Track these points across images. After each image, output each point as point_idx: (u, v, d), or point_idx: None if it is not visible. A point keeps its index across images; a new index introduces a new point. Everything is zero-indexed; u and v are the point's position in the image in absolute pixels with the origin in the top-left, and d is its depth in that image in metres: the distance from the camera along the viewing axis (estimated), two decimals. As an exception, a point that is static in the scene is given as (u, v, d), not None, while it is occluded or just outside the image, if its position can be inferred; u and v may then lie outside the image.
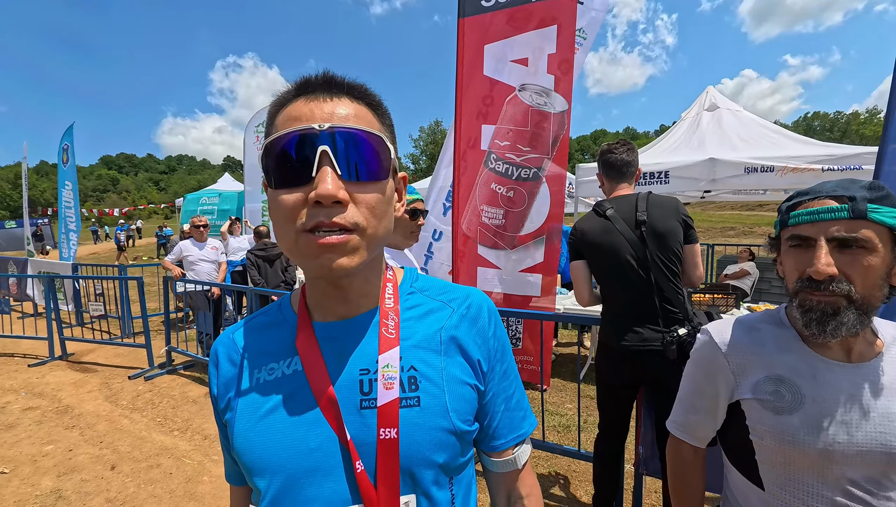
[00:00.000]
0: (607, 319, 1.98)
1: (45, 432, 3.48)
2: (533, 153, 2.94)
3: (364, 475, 0.52)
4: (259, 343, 0.62)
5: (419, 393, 0.56)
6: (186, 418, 3.68)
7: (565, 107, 2.81)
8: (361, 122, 0.52)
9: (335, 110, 0.51)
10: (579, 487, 2.63)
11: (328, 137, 0.49)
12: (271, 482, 0.53)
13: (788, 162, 4.26)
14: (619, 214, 1.88)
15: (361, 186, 0.51)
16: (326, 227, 0.49)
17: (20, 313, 7.74)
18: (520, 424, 0.67)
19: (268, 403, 0.56)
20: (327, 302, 0.60)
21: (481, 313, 0.64)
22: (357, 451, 0.53)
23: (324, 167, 0.49)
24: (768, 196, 7.43)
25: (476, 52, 2.89)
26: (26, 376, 4.77)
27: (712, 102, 5.74)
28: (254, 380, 0.58)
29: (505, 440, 0.65)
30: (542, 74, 2.81)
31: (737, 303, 3.78)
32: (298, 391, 0.56)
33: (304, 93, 0.53)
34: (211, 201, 13.20)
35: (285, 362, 0.58)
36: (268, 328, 0.63)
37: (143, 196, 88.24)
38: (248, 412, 0.57)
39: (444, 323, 0.62)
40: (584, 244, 1.97)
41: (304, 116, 0.51)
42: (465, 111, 2.98)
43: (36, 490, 2.71)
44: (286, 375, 0.57)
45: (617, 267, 1.88)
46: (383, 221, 0.54)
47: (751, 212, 29.12)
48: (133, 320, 6.19)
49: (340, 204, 0.49)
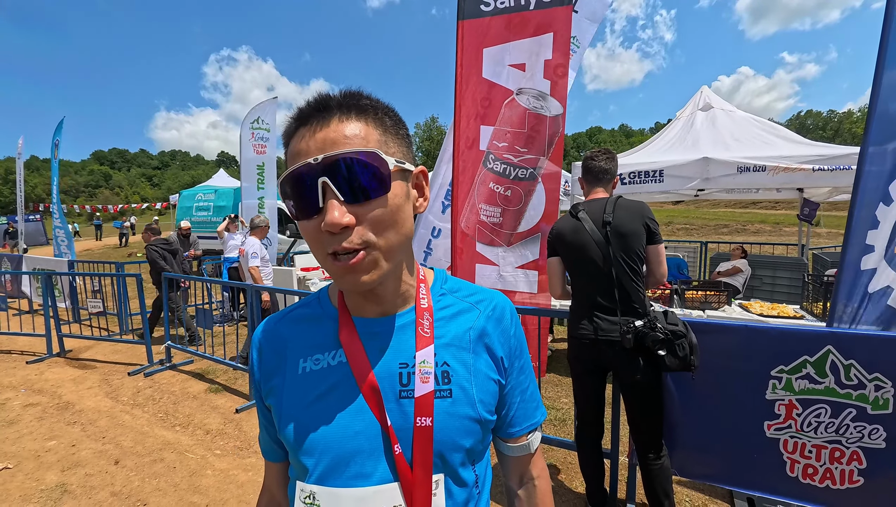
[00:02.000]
0: (573, 309, 2.20)
1: (46, 428, 3.51)
2: (529, 154, 3.02)
3: (402, 458, 0.58)
4: (303, 335, 0.67)
5: (451, 386, 0.62)
6: (188, 413, 3.72)
7: (560, 111, 2.92)
8: (353, 141, 0.54)
9: (327, 137, 0.54)
10: (575, 478, 2.71)
11: (324, 168, 0.52)
12: (319, 461, 0.59)
13: (780, 162, 4.34)
14: (590, 216, 2.08)
15: (365, 206, 0.54)
16: (342, 251, 0.54)
17: (16, 309, 7.71)
18: (533, 413, 0.74)
19: (316, 390, 0.63)
20: (364, 303, 0.65)
21: (504, 315, 0.71)
22: (396, 436, 0.59)
23: (328, 198, 0.53)
24: (761, 194, 7.53)
25: (475, 54, 2.96)
26: (25, 373, 4.78)
27: (706, 102, 5.81)
28: (300, 369, 0.64)
29: (520, 428, 0.73)
30: (538, 79, 2.90)
31: (729, 300, 3.87)
32: (343, 381, 0.62)
33: (301, 123, 0.57)
34: (207, 198, 13.14)
35: (330, 354, 0.64)
36: (310, 321, 0.69)
37: (136, 192, 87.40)
38: (297, 398, 0.63)
39: (472, 324, 0.68)
40: (558, 242, 2.18)
41: (301, 151, 0.55)
42: (463, 112, 3.03)
43: (41, 485, 2.75)
44: (332, 366, 0.63)
45: (583, 263, 2.09)
46: (394, 229, 0.57)
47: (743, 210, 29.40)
48: (131, 316, 6.20)
49: (348, 228, 0.53)
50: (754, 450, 2.06)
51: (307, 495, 0.59)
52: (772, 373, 1.98)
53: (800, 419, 1.98)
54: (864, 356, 1.83)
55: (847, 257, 1.84)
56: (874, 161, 1.64)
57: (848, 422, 1.91)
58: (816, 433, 1.96)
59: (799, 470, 2.01)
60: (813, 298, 3.80)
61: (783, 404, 1.99)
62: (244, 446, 3.19)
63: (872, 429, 1.86)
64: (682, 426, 2.17)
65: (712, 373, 2.06)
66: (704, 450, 2.14)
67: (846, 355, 1.86)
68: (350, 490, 0.57)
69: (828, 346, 1.88)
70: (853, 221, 1.78)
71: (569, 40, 2.83)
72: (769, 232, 22.18)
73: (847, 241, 1.83)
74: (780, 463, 2.03)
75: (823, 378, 1.91)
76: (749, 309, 3.72)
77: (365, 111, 0.57)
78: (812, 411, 1.95)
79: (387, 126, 0.59)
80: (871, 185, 1.64)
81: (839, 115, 75.57)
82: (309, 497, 0.59)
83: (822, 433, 1.96)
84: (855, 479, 1.93)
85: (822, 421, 1.94)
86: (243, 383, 4.35)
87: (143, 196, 75.04)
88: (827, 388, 1.91)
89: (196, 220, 12.50)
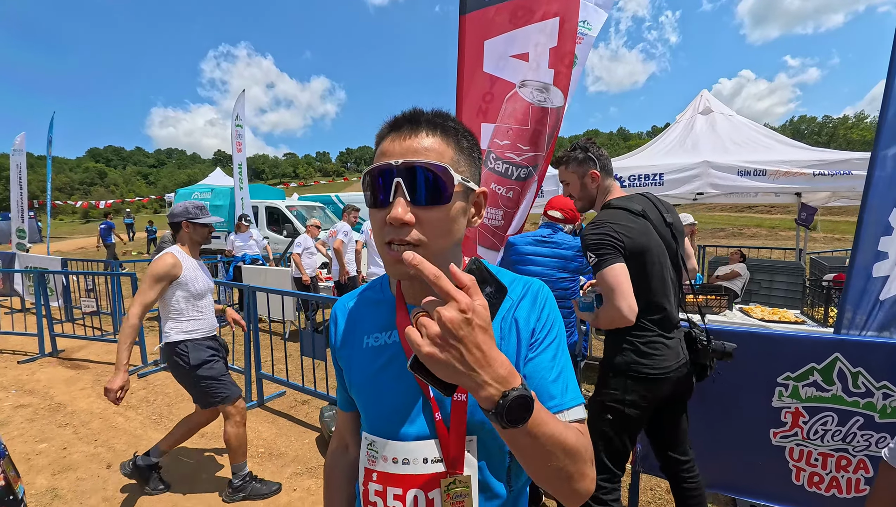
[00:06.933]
0: (650, 339, 1.66)
1: (37, 429, 3.44)
2: (531, 152, 2.91)
3: (441, 423, 0.72)
4: (367, 316, 0.83)
5: None
6: (182, 415, 3.65)
7: (562, 102, 2.76)
8: (431, 154, 0.65)
9: (410, 145, 0.66)
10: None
11: (402, 170, 0.63)
12: (377, 418, 0.76)
13: (781, 166, 4.34)
14: (650, 215, 1.72)
15: (427, 210, 0.64)
16: (396, 242, 0.64)
17: (8, 308, 7.59)
18: (559, 395, 0.71)
19: (376, 363, 0.78)
20: (416, 291, 0.77)
21: (538, 296, 0.78)
22: (437, 405, 0.73)
23: (397, 196, 0.64)
24: (759, 198, 7.54)
25: (476, 48, 2.86)
26: (16, 373, 4.70)
27: (706, 106, 5.82)
28: (365, 344, 0.80)
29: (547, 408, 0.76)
30: (543, 70, 2.74)
31: (729, 304, 3.85)
32: (397, 357, 0.76)
33: (393, 130, 0.69)
34: (203, 197, 13.03)
35: (387, 333, 0.79)
36: (374, 304, 0.84)
37: (132, 190, 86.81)
38: (362, 368, 0.79)
39: (503, 313, 0.75)
40: (628, 244, 1.62)
41: (387, 152, 0.67)
42: (465, 109, 2.96)
43: (31, 489, 2.68)
44: (387, 344, 0.78)
45: (659, 273, 1.67)
46: (446, 237, 0.67)
47: (739, 214, 29.54)
48: (126, 316, 6.11)
49: (407, 226, 0.63)
50: (760, 458, 2.04)
51: (369, 442, 0.76)
52: (778, 380, 1.96)
53: (806, 427, 1.95)
54: (872, 364, 1.81)
55: (856, 264, 1.81)
56: (885, 165, 1.62)
57: (855, 430, 1.89)
58: (823, 441, 1.94)
59: (805, 478, 1.99)
60: (814, 303, 3.79)
61: (789, 412, 1.97)
62: (240, 449, 3.14)
63: (880, 437, 1.84)
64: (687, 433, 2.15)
65: (718, 380, 2.03)
66: (709, 458, 2.11)
67: (854, 363, 1.84)
68: (400, 443, 0.73)
69: (835, 353, 1.86)
70: (863, 226, 1.76)
71: (576, 27, 2.67)
72: (765, 236, 22.31)
73: (856, 247, 1.81)
74: (786, 471, 2.01)
75: (831, 386, 1.89)
76: (750, 314, 3.71)
77: (447, 131, 0.68)
78: (819, 419, 1.93)
79: (462, 148, 0.70)
80: (883, 190, 1.62)
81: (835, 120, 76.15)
82: (371, 444, 0.76)
83: (828, 440, 1.94)
84: (861, 488, 1.91)
85: (829, 429, 1.92)
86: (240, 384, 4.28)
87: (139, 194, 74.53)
88: (834, 396, 1.89)
89: (192, 219, 12.38)
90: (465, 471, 0.71)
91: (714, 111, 5.71)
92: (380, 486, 0.74)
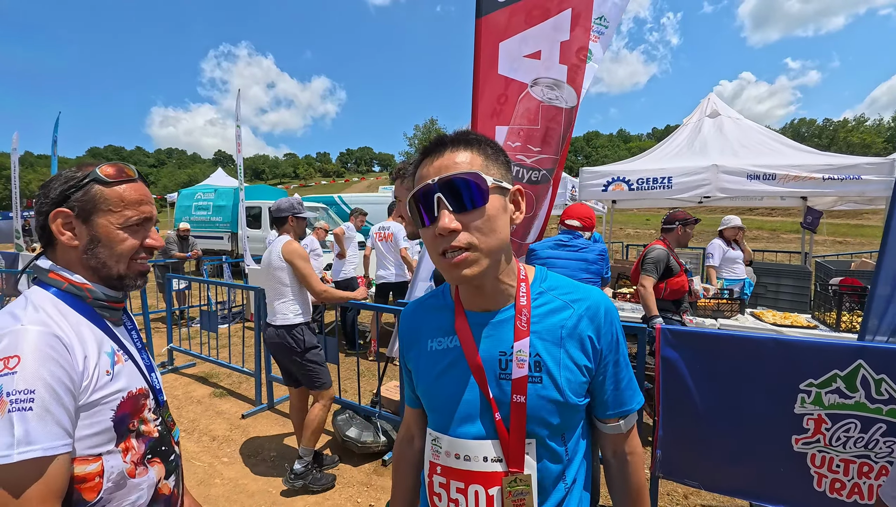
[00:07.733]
0: None
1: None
2: (543, 153, 2.85)
3: (501, 423, 0.76)
4: (431, 321, 0.89)
5: (542, 373, 0.77)
6: (192, 418, 3.64)
7: (574, 101, 2.70)
8: (461, 165, 0.72)
9: (442, 164, 0.73)
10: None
11: (440, 186, 0.71)
12: (441, 417, 0.82)
13: (790, 170, 4.34)
14: None
15: (469, 214, 0.71)
16: (451, 250, 0.71)
17: (11, 308, 7.57)
18: (625, 401, 0.85)
19: (439, 366, 0.83)
20: (472, 298, 0.83)
21: (598, 312, 0.81)
22: (497, 406, 0.77)
23: (441, 209, 0.71)
24: (764, 202, 7.55)
25: (492, 50, 2.81)
26: (23, 374, 4.67)
27: (714, 109, 5.82)
28: (429, 347, 0.86)
29: (612, 412, 0.85)
30: (555, 66, 2.65)
31: (742, 308, 3.84)
32: (458, 361, 0.81)
33: (425, 155, 0.77)
34: (206, 197, 13.03)
35: (448, 338, 0.84)
36: (436, 310, 0.90)
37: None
38: (427, 370, 0.86)
39: (565, 322, 0.80)
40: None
41: (423, 176, 0.75)
42: (480, 113, 2.93)
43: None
44: (449, 348, 0.83)
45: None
46: (493, 234, 0.72)
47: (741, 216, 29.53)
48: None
49: (455, 232, 0.70)
50: (781, 464, 2.03)
51: (434, 438, 0.82)
52: (801, 387, 1.95)
53: (828, 434, 1.95)
54: (895, 371, 1.80)
55: (882, 270, 1.81)
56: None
57: (878, 437, 1.88)
58: (845, 448, 1.93)
59: (826, 485, 1.98)
60: (823, 307, 3.78)
61: (812, 419, 1.96)
62: (252, 453, 3.13)
63: (903, 445, 1.83)
64: (709, 439, 2.14)
65: (739, 385, 2.03)
66: (730, 463, 2.10)
67: (877, 370, 1.83)
68: (461, 440, 0.78)
69: (859, 360, 1.85)
70: (890, 232, 1.76)
71: (590, 19, 2.59)
72: (767, 238, 22.34)
73: (883, 252, 1.80)
74: (808, 478, 2.00)
75: (854, 393, 1.88)
76: (761, 318, 3.70)
77: (470, 143, 0.76)
78: (841, 426, 1.92)
79: (488, 154, 0.76)
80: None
81: (835, 123, 76.19)
82: (435, 440, 0.82)
83: (850, 447, 1.93)
84: (884, 495, 1.90)
85: (852, 436, 1.92)
86: (248, 387, 4.28)
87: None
88: (857, 403, 1.88)
89: (195, 219, 12.39)
90: (524, 471, 0.76)
91: (721, 114, 5.71)
92: (443, 479, 0.79)
